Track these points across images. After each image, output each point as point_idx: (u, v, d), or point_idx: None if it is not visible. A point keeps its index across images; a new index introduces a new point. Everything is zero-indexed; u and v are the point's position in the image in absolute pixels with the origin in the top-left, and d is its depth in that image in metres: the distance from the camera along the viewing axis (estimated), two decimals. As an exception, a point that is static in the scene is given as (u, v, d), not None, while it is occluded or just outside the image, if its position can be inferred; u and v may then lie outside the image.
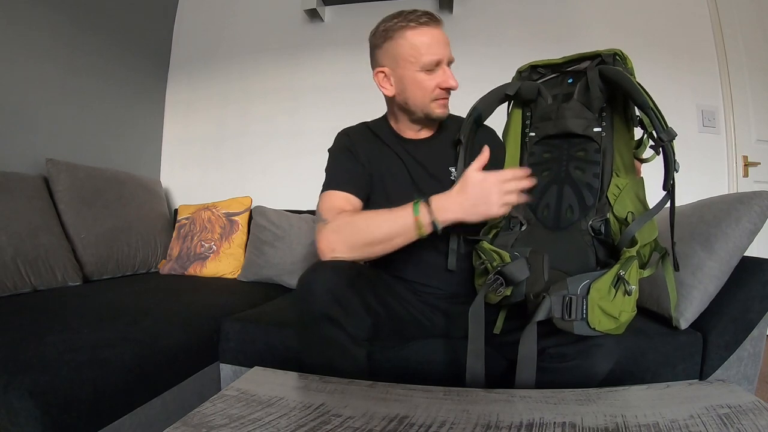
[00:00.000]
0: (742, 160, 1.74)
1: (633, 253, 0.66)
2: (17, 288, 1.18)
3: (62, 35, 1.62)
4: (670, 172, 0.67)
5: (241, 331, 1.06)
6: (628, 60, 0.79)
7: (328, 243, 0.74)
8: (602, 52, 0.80)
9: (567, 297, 0.62)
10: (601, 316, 0.62)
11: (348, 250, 0.73)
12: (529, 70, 0.89)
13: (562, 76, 0.85)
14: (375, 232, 0.73)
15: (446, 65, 0.83)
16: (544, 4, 1.84)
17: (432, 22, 0.81)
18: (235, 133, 2.11)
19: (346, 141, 0.92)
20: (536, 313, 0.62)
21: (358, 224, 0.75)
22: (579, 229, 0.76)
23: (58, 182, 1.43)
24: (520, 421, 0.45)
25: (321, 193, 0.86)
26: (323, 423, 0.44)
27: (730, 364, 0.89)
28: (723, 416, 0.44)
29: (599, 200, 0.76)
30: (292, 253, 1.56)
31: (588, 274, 0.64)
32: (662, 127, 0.67)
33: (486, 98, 0.87)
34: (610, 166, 0.76)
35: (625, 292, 0.63)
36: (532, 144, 0.85)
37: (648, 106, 0.67)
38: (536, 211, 0.81)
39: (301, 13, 2.01)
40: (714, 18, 1.77)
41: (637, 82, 0.70)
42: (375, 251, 0.74)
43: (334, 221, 0.76)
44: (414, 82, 0.83)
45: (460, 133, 0.86)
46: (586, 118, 0.78)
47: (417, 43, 0.80)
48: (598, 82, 0.76)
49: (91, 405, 0.70)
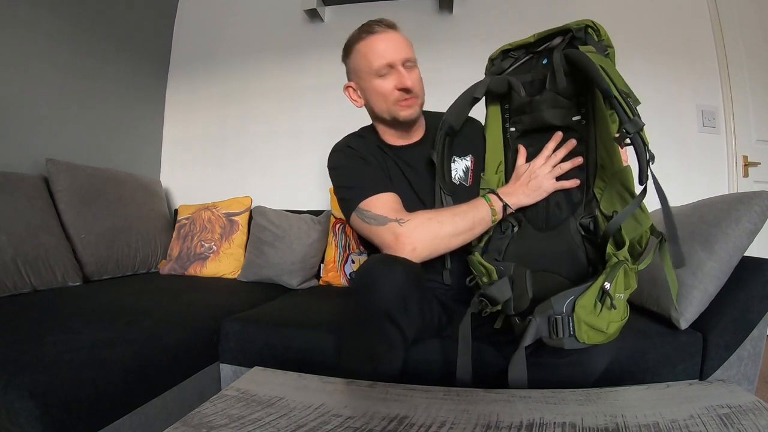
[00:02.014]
0: (742, 160, 1.74)
1: (622, 257, 0.63)
2: (17, 288, 1.18)
3: (62, 36, 1.62)
4: (642, 164, 0.61)
5: (241, 331, 1.06)
6: (601, 30, 0.73)
7: (413, 241, 0.74)
8: (572, 26, 0.74)
9: (552, 317, 0.60)
10: (589, 330, 0.60)
11: (433, 243, 0.75)
12: (501, 56, 0.85)
13: (536, 57, 0.81)
14: (459, 223, 0.77)
15: (401, 66, 0.83)
16: (544, 4, 1.84)
17: (380, 29, 0.83)
18: (235, 133, 2.11)
19: (352, 151, 0.91)
20: (524, 338, 0.61)
21: (442, 218, 0.77)
22: (568, 228, 0.74)
23: (58, 182, 1.43)
24: (520, 421, 0.45)
25: (361, 202, 0.82)
26: (323, 423, 0.44)
27: (730, 364, 0.89)
28: (723, 416, 0.44)
29: (586, 195, 0.74)
30: (292, 253, 1.56)
31: (571, 290, 0.61)
32: (627, 117, 0.60)
33: (455, 106, 0.84)
34: (594, 157, 0.73)
35: (611, 306, 0.60)
36: (514, 139, 0.84)
37: (611, 94, 0.61)
38: (525, 210, 0.80)
39: (301, 13, 2.01)
40: (714, 18, 1.77)
41: (601, 65, 0.64)
42: (458, 242, 0.78)
43: (414, 219, 0.77)
44: (373, 90, 0.86)
45: (433, 150, 0.85)
46: (562, 107, 0.75)
47: (366, 52, 0.84)
48: (563, 65, 0.72)
49: (91, 405, 0.70)
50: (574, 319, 0.60)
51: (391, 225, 0.76)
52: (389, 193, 0.83)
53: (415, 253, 0.74)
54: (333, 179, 0.91)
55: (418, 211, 0.79)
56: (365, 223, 0.80)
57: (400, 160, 0.92)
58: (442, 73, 1.66)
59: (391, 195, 0.83)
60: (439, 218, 0.76)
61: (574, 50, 0.71)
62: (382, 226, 0.77)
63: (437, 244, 0.75)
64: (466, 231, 0.77)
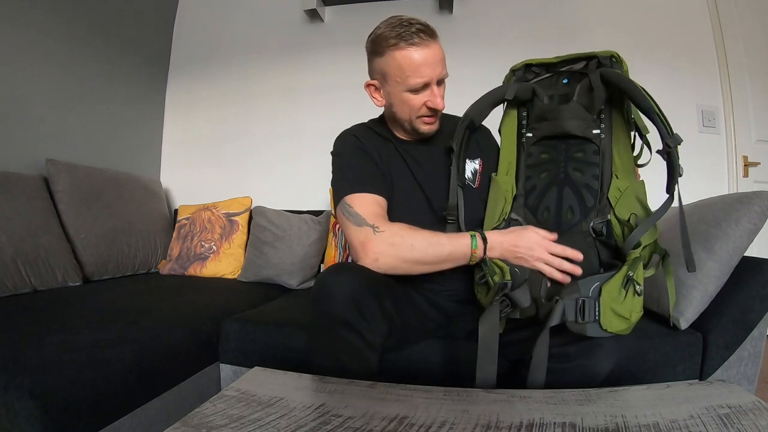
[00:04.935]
0: (742, 160, 1.74)
1: (638, 255, 0.67)
2: (17, 288, 1.18)
3: (62, 36, 1.62)
4: (674, 176, 0.67)
5: (241, 331, 1.06)
6: (623, 63, 0.79)
7: (377, 253, 0.74)
8: (598, 54, 0.79)
9: (580, 300, 0.62)
10: (613, 317, 0.63)
11: (396, 263, 0.75)
12: (523, 69, 0.88)
13: (556, 76, 0.84)
14: (431, 253, 0.75)
15: (435, 85, 0.81)
16: (544, 4, 1.84)
17: (423, 42, 0.77)
18: (235, 134, 2.11)
19: (356, 141, 0.91)
20: (550, 318, 0.62)
21: (415, 242, 0.75)
22: (580, 230, 0.75)
23: (58, 182, 1.43)
24: (520, 422, 0.45)
25: (348, 195, 0.82)
26: (323, 423, 0.44)
27: (730, 364, 0.89)
28: (723, 416, 0.44)
29: (599, 202, 0.76)
30: (292, 253, 1.56)
31: (597, 276, 0.65)
32: (668, 133, 0.67)
33: (479, 103, 0.86)
34: (609, 168, 0.76)
35: (635, 293, 0.64)
36: (530, 145, 0.85)
37: (654, 111, 0.67)
38: (536, 213, 0.81)
39: (301, 13, 2.01)
40: (714, 18, 1.77)
41: (641, 87, 0.70)
42: (421, 270, 0.77)
43: (389, 231, 0.76)
44: (401, 100, 0.83)
45: (453, 141, 0.85)
46: (584, 120, 0.78)
47: (404, 65, 0.78)
48: (600, 84, 0.76)
49: (91, 405, 0.70)
50: (600, 304, 0.62)
51: (365, 229, 0.77)
52: (377, 195, 0.83)
53: (376, 264, 0.74)
54: (332, 164, 0.91)
55: (398, 224, 0.78)
56: (344, 217, 0.81)
57: (407, 154, 0.91)
58: (442, 73, 1.65)
59: (377, 197, 0.83)
60: (412, 241, 0.75)
61: (611, 70, 0.76)
62: (358, 226, 0.78)
63: (400, 265, 0.75)
64: (432, 263, 0.76)
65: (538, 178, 0.81)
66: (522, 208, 0.82)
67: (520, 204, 0.82)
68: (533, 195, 0.81)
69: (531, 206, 0.81)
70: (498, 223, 0.82)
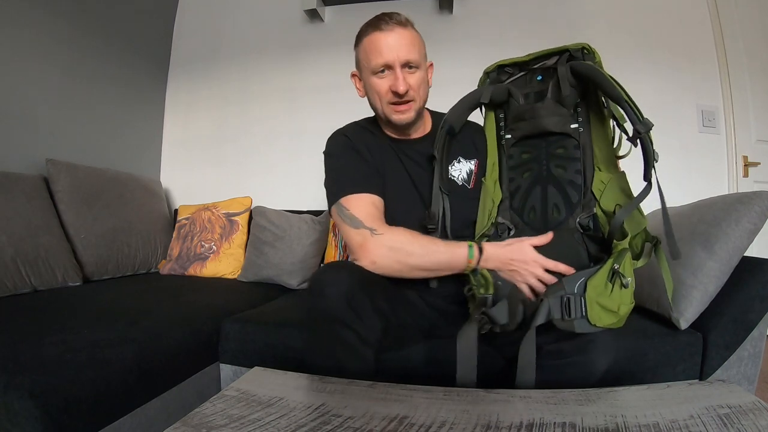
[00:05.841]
0: (742, 160, 1.74)
1: (625, 245, 0.66)
2: (17, 288, 1.18)
3: (62, 36, 1.62)
4: (649, 163, 0.66)
5: (241, 331, 1.06)
6: (596, 54, 0.78)
7: (376, 256, 0.75)
8: (570, 47, 0.79)
9: (565, 297, 0.62)
10: (601, 311, 0.63)
11: (394, 267, 0.76)
12: (496, 71, 0.88)
13: (530, 74, 0.84)
14: (429, 260, 0.76)
15: (399, 68, 0.81)
16: (544, 4, 1.84)
17: (389, 26, 0.80)
18: (235, 134, 2.11)
19: (347, 140, 0.91)
20: (535, 317, 0.62)
21: (415, 248, 0.76)
22: (568, 227, 0.76)
23: (58, 182, 1.43)
24: (520, 422, 0.45)
25: (343, 197, 0.82)
26: (323, 423, 0.44)
27: (730, 364, 0.89)
28: (723, 416, 0.44)
29: (584, 196, 0.76)
30: (292, 253, 1.56)
31: (583, 271, 0.64)
32: (638, 119, 0.65)
33: (456, 108, 0.85)
34: (591, 161, 0.76)
35: (622, 285, 0.64)
36: (510, 146, 0.85)
37: (622, 99, 0.66)
38: (522, 215, 0.81)
39: (301, 13, 2.01)
40: (714, 18, 1.77)
41: (610, 76, 0.69)
42: (418, 275, 0.78)
43: (387, 235, 0.77)
44: (370, 86, 0.85)
45: (434, 148, 0.85)
46: (561, 116, 0.78)
47: (368, 48, 0.82)
48: (569, 78, 0.76)
49: (91, 405, 0.70)
50: (586, 300, 0.62)
51: (363, 231, 0.77)
52: (372, 195, 0.84)
53: (373, 266, 0.75)
54: (324, 165, 0.91)
55: (396, 228, 0.79)
56: (341, 219, 0.82)
57: (402, 153, 0.91)
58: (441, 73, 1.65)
59: (373, 197, 0.83)
60: (410, 247, 0.76)
61: (581, 62, 0.75)
62: (355, 229, 0.78)
63: (397, 269, 0.76)
64: (429, 270, 0.78)
65: (521, 179, 0.82)
66: (508, 211, 0.82)
67: (506, 207, 0.83)
68: (518, 196, 0.82)
69: (516, 208, 0.82)
70: (486, 226, 0.83)
